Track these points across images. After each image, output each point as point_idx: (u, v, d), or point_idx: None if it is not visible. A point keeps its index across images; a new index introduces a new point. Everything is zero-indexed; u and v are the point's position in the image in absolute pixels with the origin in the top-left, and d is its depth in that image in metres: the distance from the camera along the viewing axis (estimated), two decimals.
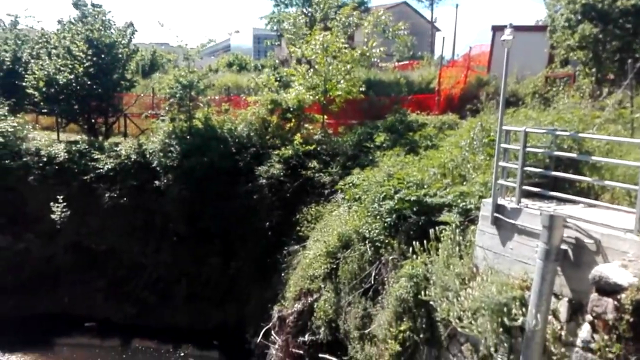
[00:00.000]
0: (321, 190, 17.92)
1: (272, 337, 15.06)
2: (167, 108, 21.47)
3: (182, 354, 17.48)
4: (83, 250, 20.53)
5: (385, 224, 12.35)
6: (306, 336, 14.21)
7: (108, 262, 20.48)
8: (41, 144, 21.33)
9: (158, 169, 19.51)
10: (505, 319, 7.83)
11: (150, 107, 24.93)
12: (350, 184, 15.47)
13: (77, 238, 20.43)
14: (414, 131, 18.24)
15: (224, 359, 16.99)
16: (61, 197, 19.50)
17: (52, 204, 19.36)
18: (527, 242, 8.30)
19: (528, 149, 8.81)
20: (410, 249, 10.96)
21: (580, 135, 9.10)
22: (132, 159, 20.37)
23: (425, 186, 11.92)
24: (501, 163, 9.05)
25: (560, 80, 19.03)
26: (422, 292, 10.17)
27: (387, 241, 12.29)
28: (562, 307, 7.41)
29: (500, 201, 8.98)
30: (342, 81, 21.08)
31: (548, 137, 9.34)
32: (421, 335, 10.47)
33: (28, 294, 19.98)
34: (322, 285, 14.25)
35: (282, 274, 16.70)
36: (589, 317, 6.73)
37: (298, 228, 17.11)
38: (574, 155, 8.96)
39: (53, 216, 19.29)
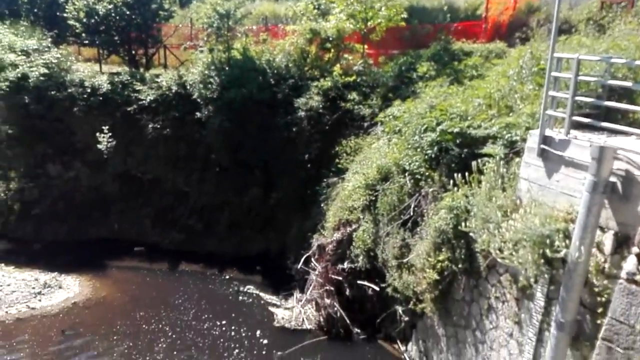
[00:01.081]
0: (360, 123, 17.79)
1: (312, 264, 15.57)
2: (205, 39, 21.31)
3: (227, 277, 18.32)
4: (130, 179, 21.31)
5: (426, 157, 12.25)
6: (345, 264, 14.64)
7: (154, 191, 21.24)
8: (85, 76, 21.66)
9: (198, 100, 19.65)
10: (547, 251, 7.81)
11: (188, 38, 24.81)
12: (391, 116, 15.27)
13: (123, 167, 21.15)
14: (458, 60, 17.56)
15: (266, 283, 17.69)
16: (106, 127, 20.02)
17: (97, 134, 19.93)
18: (574, 175, 8.11)
19: (580, 78, 8.41)
20: (451, 181, 10.90)
21: (637, 63, 8.59)
22: (173, 91, 20.54)
23: (469, 118, 11.65)
24: (551, 92, 8.69)
25: (617, 5, 17.74)
26: (462, 224, 10.21)
27: (427, 174, 12.24)
28: (607, 240, 7.31)
29: (548, 132, 8.71)
30: (383, 8, 20.27)
31: (602, 65, 8.85)
32: (460, 266, 10.62)
33: (80, 220, 21.09)
34: (361, 216, 14.47)
35: (322, 205, 16.98)
36: (635, 249, 6.65)
37: (337, 160, 17.19)
38: (629, 84, 8.49)
39: (99, 146, 19.92)
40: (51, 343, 13.82)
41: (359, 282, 14.30)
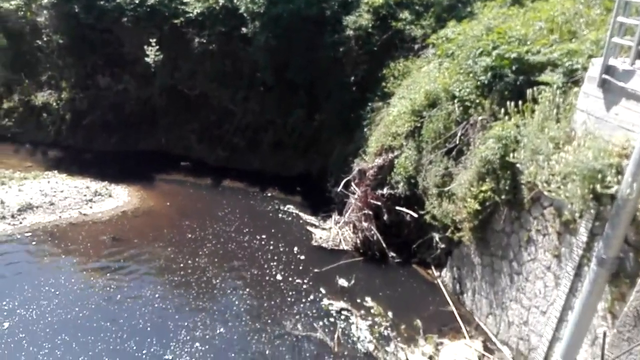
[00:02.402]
0: (411, 45, 17.03)
1: (352, 187, 15.63)
2: None
3: (268, 195, 18.73)
4: (177, 94, 21.48)
5: (478, 83, 11.75)
6: (384, 189, 14.63)
7: (200, 107, 21.42)
8: None
9: (245, 15, 19.17)
10: (598, 186, 7.53)
11: None
12: (444, 38, 14.56)
13: (170, 81, 21.27)
14: None
15: (306, 203, 17.98)
16: (154, 40, 19.97)
17: (145, 47, 19.95)
18: (635, 108, 7.62)
19: None
20: (503, 109, 10.46)
21: None
22: (220, 4, 20.07)
23: (528, 42, 10.98)
24: (620, 18, 7.99)
25: None
26: (510, 155, 9.90)
27: (478, 101, 11.78)
28: None
29: (612, 62, 8.12)
30: None
31: None
32: (503, 197, 10.43)
33: (129, 132, 21.68)
34: (404, 143, 14.24)
35: (365, 130, 16.77)
36: None
37: (384, 84, 16.72)
38: None
39: (147, 59, 19.97)
40: (102, 248, 14.68)
41: (397, 208, 14.33)
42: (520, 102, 10.01)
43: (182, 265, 13.97)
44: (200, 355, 10.63)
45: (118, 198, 17.92)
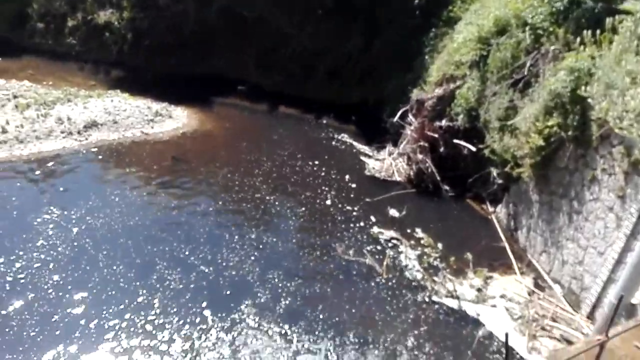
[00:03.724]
0: None
1: (409, 118, 15.31)
2: None
3: (323, 122, 18.69)
4: (235, 17, 21.26)
5: (554, 9, 10.97)
6: (443, 121, 14.26)
7: (257, 31, 21.18)
8: None
9: None
10: None
11: None
12: None
13: (228, 3, 20.99)
14: None
15: (360, 133, 17.85)
16: None
17: None
18: None
19: None
20: (578, 39, 9.76)
21: None
22: None
23: None
24: None
25: None
26: (582, 88, 9.34)
27: (551, 29, 11.04)
28: None
29: None
30: None
31: None
32: (569, 133, 9.95)
33: (187, 54, 21.83)
34: (468, 73, 13.67)
35: (426, 58, 16.18)
36: None
37: (450, 8, 15.87)
38: None
39: None
40: (162, 166, 15.22)
41: (455, 140, 13.98)
42: (597, 32, 9.30)
43: (237, 183, 14.37)
44: (250, 262, 11.10)
45: (177, 119, 18.34)
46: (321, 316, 9.71)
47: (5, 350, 8.39)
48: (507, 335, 4.09)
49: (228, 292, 10.17)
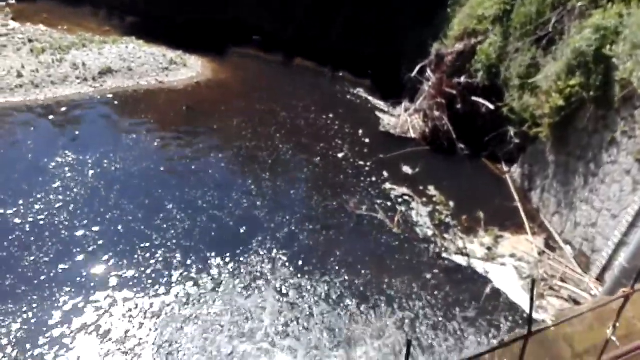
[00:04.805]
0: None
1: (427, 74, 15.02)
2: None
3: (339, 76, 18.43)
4: None
5: None
6: (462, 78, 13.99)
7: None
8: None
9: None
10: None
11: None
12: None
13: None
14: None
15: (376, 88, 17.57)
16: None
17: None
18: None
19: None
20: None
21: None
22: None
23: None
24: None
25: None
26: (607, 47, 9.05)
27: None
28: None
29: None
30: None
31: None
32: (591, 93, 9.73)
33: (203, 1, 21.33)
34: (490, 28, 13.30)
35: (447, 11, 15.69)
36: None
37: None
38: None
39: None
40: (177, 114, 15.20)
41: (473, 98, 13.73)
42: None
43: (251, 132, 14.35)
44: (261, 208, 11.29)
45: (192, 68, 18.15)
46: (332, 260, 9.96)
47: (23, 283, 8.76)
48: (533, 281, 4.10)
49: (236, 235, 10.41)
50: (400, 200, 12.08)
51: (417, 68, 15.39)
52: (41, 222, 10.15)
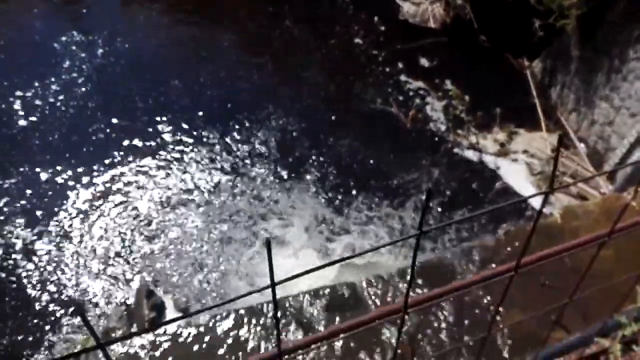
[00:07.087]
0: None
1: None
2: None
3: None
4: None
5: None
6: None
7: None
8: None
9: None
10: None
11: None
12: None
13: None
14: None
15: None
16: None
17: None
18: None
19: None
20: None
21: None
22: None
23: None
24: None
25: None
26: None
27: None
28: None
29: None
30: None
31: None
32: None
33: None
34: None
35: None
36: None
37: None
38: None
39: None
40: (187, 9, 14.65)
41: None
42: None
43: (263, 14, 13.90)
44: (269, 87, 11.43)
45: None
46: (343, 142, 10.11)
47: (36, 161, 9.22)
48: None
49: (242, 116, 10.52)
50: (415, 94, 11.89)
51: None
52: (59, 103, 10.30)
